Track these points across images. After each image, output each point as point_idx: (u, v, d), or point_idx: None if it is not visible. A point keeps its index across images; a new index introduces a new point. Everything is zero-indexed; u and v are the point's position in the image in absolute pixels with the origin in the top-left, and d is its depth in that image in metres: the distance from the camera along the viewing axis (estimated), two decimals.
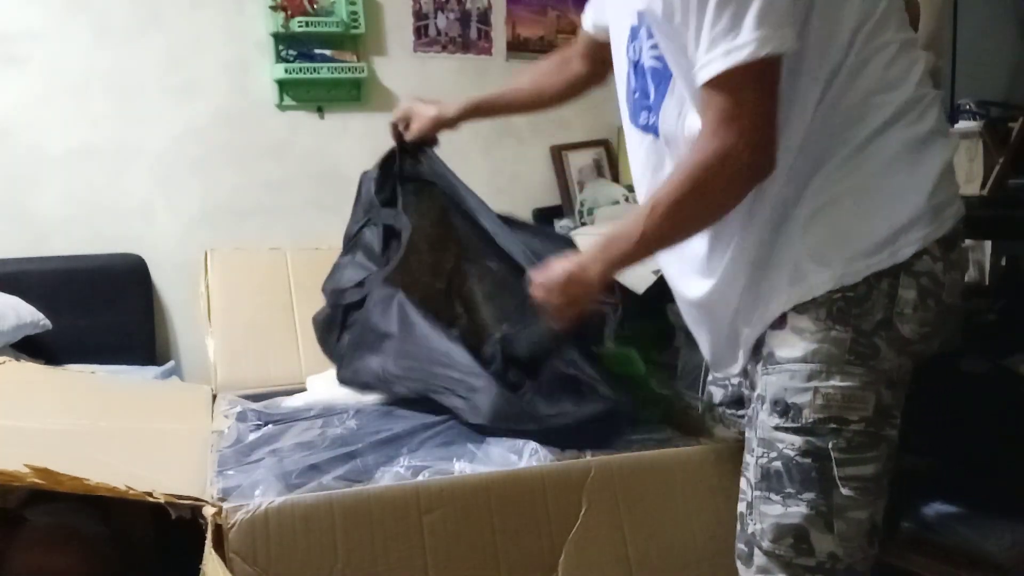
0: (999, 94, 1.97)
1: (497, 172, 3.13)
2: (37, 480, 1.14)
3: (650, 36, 1.09)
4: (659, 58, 1.09)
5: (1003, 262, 1.82)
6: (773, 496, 1.04)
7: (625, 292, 2.38)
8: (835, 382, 0.99)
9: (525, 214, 3.14)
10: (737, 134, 0.95)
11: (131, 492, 1.20)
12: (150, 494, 1.22)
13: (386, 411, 1.78)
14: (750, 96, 0.94)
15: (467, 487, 1.37)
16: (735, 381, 1.36)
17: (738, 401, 1.39)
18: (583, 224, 2.99)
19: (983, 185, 1.74)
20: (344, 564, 1.28)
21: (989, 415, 1.60)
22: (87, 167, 2.58)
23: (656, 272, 2.34)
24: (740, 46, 0.91)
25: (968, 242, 1.20)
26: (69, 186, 2.57)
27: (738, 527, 1.11)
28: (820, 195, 1.01)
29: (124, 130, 2.61)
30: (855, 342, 0.99)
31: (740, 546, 1.10)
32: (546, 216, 3.14)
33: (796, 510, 1.01)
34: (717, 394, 1.41)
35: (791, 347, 1.02)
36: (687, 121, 1.07)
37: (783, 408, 1.02)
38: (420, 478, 1.40)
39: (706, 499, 1.42)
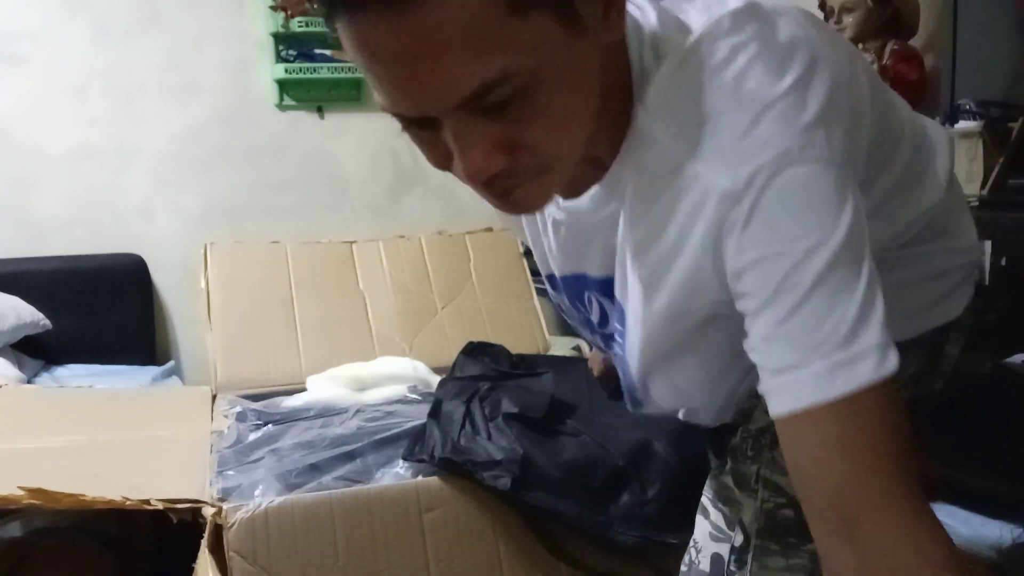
0: (999, 94, 1.97)
1: None
2: (33, 501, 1.14)
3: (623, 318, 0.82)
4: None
5: (1003, 262, 1.82)
6: (773, 546, 0.92)
7: None
8: None
9: None
10: (874, 539, 0.59)
11: (128, 503, 1.20)
12: (147, 502, 1.22)
13: (386, 411, 1.78)
14: (875, 430, 0.60)
15: (468, 486, 1.37)
16: None
17: None
18: None
19: (983, 185, 1.74)
20: (344, 563, 1.28)
21: (989, 415, 1.59)
22: (87, 167, 2.58)
23: None
24: (855, 358, 0.61)
25: None
26: (69, 186, 2.57)
27: (705, 567, 0.96)
28: None
29: (124, 130, 2.61)
30: None
31: None
32: None
33: (798, 562, 0.91)
34: None
35: None
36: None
37: None
38: (420, 478, 1.40)
39: None
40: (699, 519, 0.98)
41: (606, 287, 0.85)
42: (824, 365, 0.61)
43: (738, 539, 0.93)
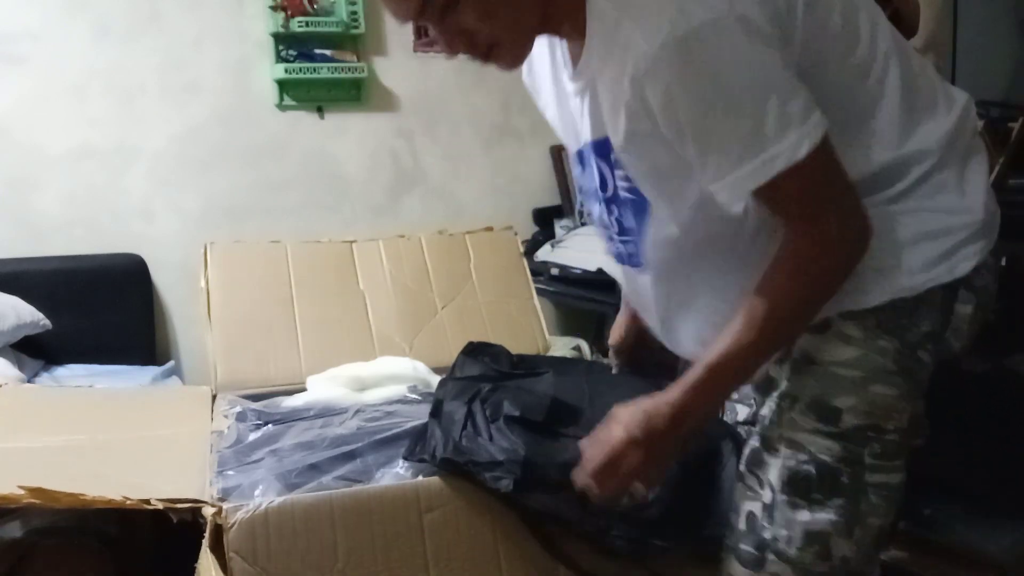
0: (999, 94, 1.97)
1: (498, 172, 3.13)
2: (33, 500, 1.14)
3: (619, 166, 1.00)
4: (632, 189, 1.00)
5: (1003, 262, 1.82)
6: (799, 501, 0.99)
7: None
8: (877, 390, 0.97)
9: (525, 214, 3.15)
10: (825, 225, 0.89)
11: (128, 502, 1.20)
12: (147, 502, 1.22)
13: (386, 411, 1.78)
14: (816, 184, 0.87)
15: (468, 486, 1.37)
16: None
17: None
18: (583, 224, 2.99)
19: None
20: (344, 563, 1.28)
21: (989, 415, 1.60)
22: (87, 167, 2.58)
23: None
24: (773, 157, 0.84)
25: None
26: (69, 186, 2.57)
27: (742, 526, 1.05)
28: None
29: (124, 130, 2.61)
30: (899, 353, 0.96)
31: (745, 548, 1.04)
32: (546, 216, 3.14)
33: (823, 516, 0.99)
34: (742, 412, 1.38)
35: (834, 351, 0.98)
36: (671, 248, 1.02)
37: (821, 411, 0.98)
38: (420, 478, 1.40)
39: None
40: (737, 485, 1.08)
41: (599, 147, 1.01)
42: (752, 165, 0.84)
43: (767, 496, 1.02)
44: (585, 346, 2.49)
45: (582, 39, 0.94)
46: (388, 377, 2.04)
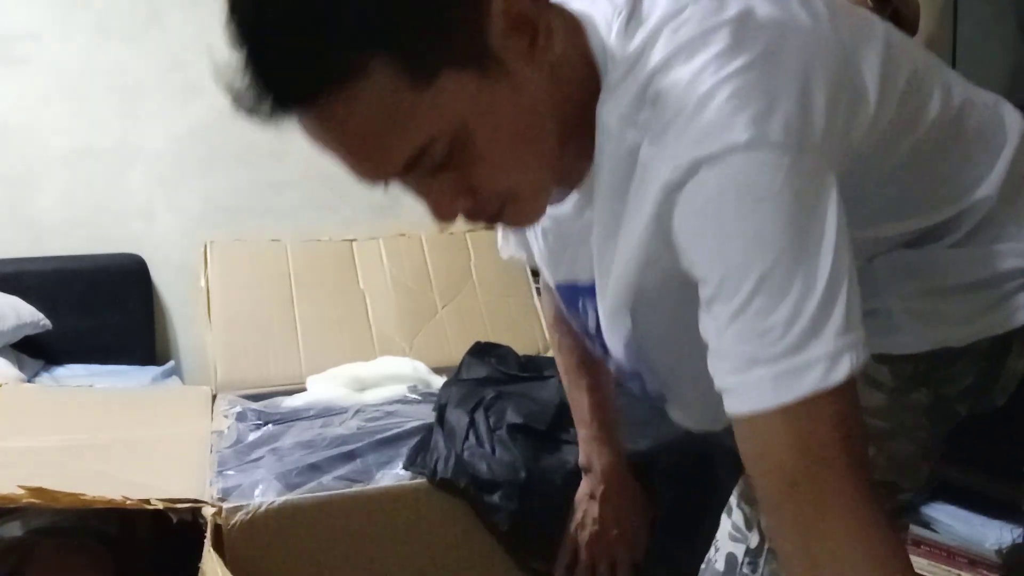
0: (999, 94, 1.97)
1: None
2: (33, 500, 1.14)
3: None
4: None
5: None
6: None
7: None
8: (902, 445, 0.86)
9: None
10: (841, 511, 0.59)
11: (128, 502, 1.21)
12: (147, 502, 1.22)
13: (386, 411, 1.78)
14: (824, 433, 0.59)
15: None
16: None
17: None
18: None
19: None
20: (344, 563, 1.28)
21: (989, 415, 1.59)
22: (87, 167, 2.58)
23: None
24: (803, 367, 0.59)
25: None
26: (69, 186, 2.57)
27: (720, 566, 0.93)
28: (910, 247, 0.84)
29: (124, 130, 2.61)
30: (931, 408, 0.86)
31: None
32: None
33: None
34: None
35: (862, 397, 0.78)
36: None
37: None
38: (419, 479, 1.40)
39: None
40: (723, 517, 0.96)
41: (595, 292, 0.82)
42: (769, 373, 0.60)
43: (753, 540, 0.91)
44: None
45: (582, 167, 0.73)
46: (388, 377, 2.04)
